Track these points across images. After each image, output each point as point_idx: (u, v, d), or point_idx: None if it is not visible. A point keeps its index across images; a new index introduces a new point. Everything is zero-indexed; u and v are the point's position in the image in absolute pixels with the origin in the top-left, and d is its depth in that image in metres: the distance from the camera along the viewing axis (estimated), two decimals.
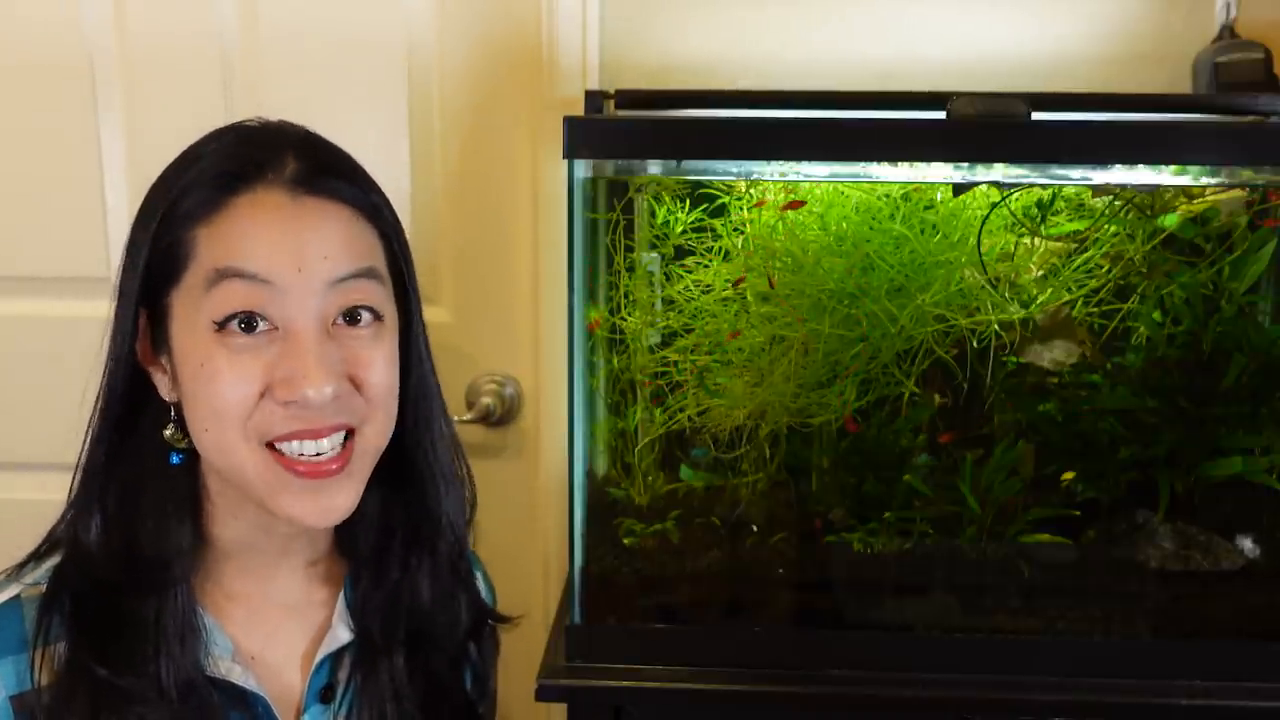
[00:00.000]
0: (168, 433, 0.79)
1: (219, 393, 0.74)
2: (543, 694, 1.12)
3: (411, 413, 0.84)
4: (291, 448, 0.75)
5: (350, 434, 0.77)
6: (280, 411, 0.74)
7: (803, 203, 1.16)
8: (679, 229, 1.21)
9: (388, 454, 0.83)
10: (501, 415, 1.47)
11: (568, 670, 1.14)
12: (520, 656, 1.26)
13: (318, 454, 0.75)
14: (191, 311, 0.74)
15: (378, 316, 0.78)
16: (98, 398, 0.80)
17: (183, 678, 0.77)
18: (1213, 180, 1.14)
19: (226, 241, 0.73)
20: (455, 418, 1.43)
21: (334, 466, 0.76)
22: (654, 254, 1.24)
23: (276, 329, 0.74)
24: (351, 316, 0.77)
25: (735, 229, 1.19)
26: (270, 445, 0.75)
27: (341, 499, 0.77)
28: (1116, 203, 1.17)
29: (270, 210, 0.74)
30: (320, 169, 0.76)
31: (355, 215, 0.77)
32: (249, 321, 0.73)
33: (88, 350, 0.81)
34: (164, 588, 0.78)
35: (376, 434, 0.79)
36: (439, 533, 0.87)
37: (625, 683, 1.13)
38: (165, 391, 0.79)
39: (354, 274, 0.76)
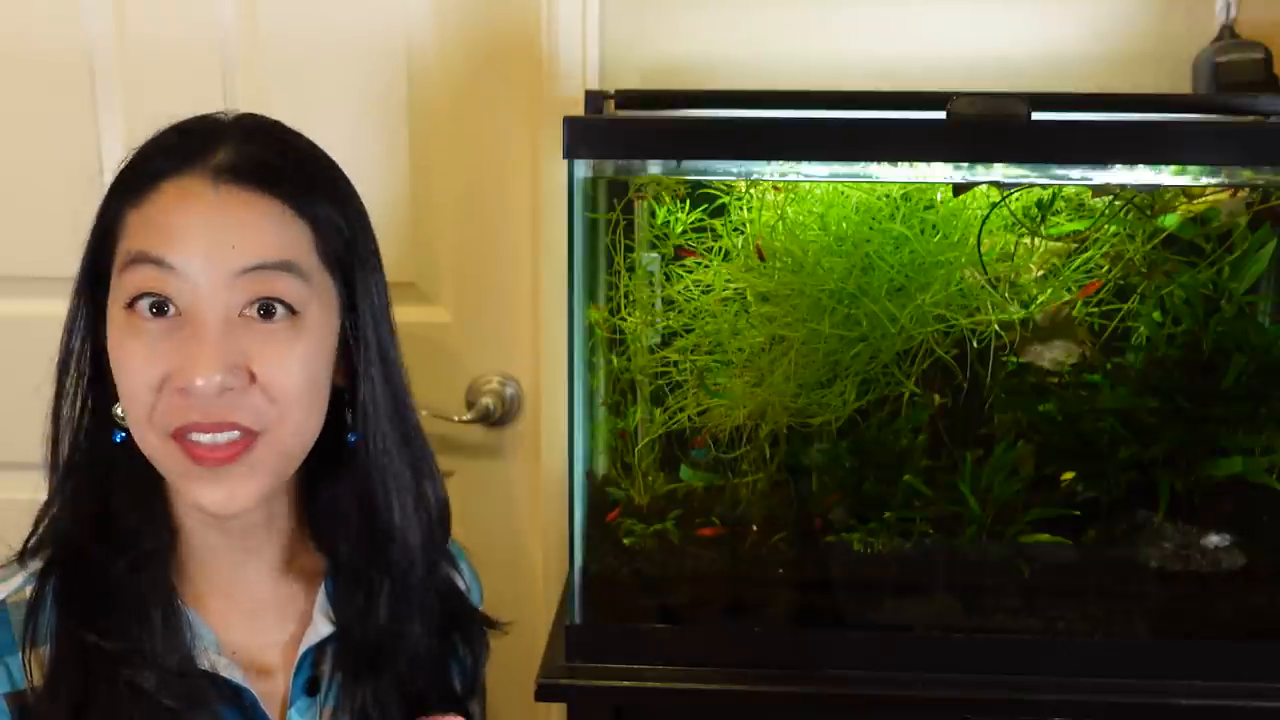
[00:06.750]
0: (116, 410, 0.80)
1: (124, 378, 0.76)
2: (543, 694, 1.12)
3: (362, 419, 0.83)
4: (190, 436, 0.76)
5: (252, 435, 0.76)
6: (177, 401, 0.74)
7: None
8: (679, 229, 1.21)
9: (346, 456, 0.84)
10: (501, 415, 1.47)
11: (568, 670, 1.14)
12: (520, 656, 1.26)
13: (214, 442, 0.75)
14: (114, 293, 0.77)
15: (293, 312, 0.77)
16: (59, 376, 0.82)
17: (167, 648, 0.78)
18: (1213, 180, 1.14)
19: (145, 227, 0.75)
20: (455, 418, 1.44)
21: (231, 453, 0.75)
22: (654, 254, 1.24)
23: (182, 315, 0.75)
24: (266, 309, 0.76)
25: (735, 229, 1.19)
26: (174, 435, 0.76)
27: (242, 491, 0.77)
28: (1116, 203, 1.17)
29: (192, 198, 0.75)
30: (250, 159, 0.76)
31: (282, 208, 0.77)
32: (160, 306, 0.75)
33: None
34: (139, 560, 0.79)
35: (291, 435, 0.78)
36: (393, 546, 0.86)
37: (625, 683, 1.13)
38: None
39: (264, 265, 0.75)
